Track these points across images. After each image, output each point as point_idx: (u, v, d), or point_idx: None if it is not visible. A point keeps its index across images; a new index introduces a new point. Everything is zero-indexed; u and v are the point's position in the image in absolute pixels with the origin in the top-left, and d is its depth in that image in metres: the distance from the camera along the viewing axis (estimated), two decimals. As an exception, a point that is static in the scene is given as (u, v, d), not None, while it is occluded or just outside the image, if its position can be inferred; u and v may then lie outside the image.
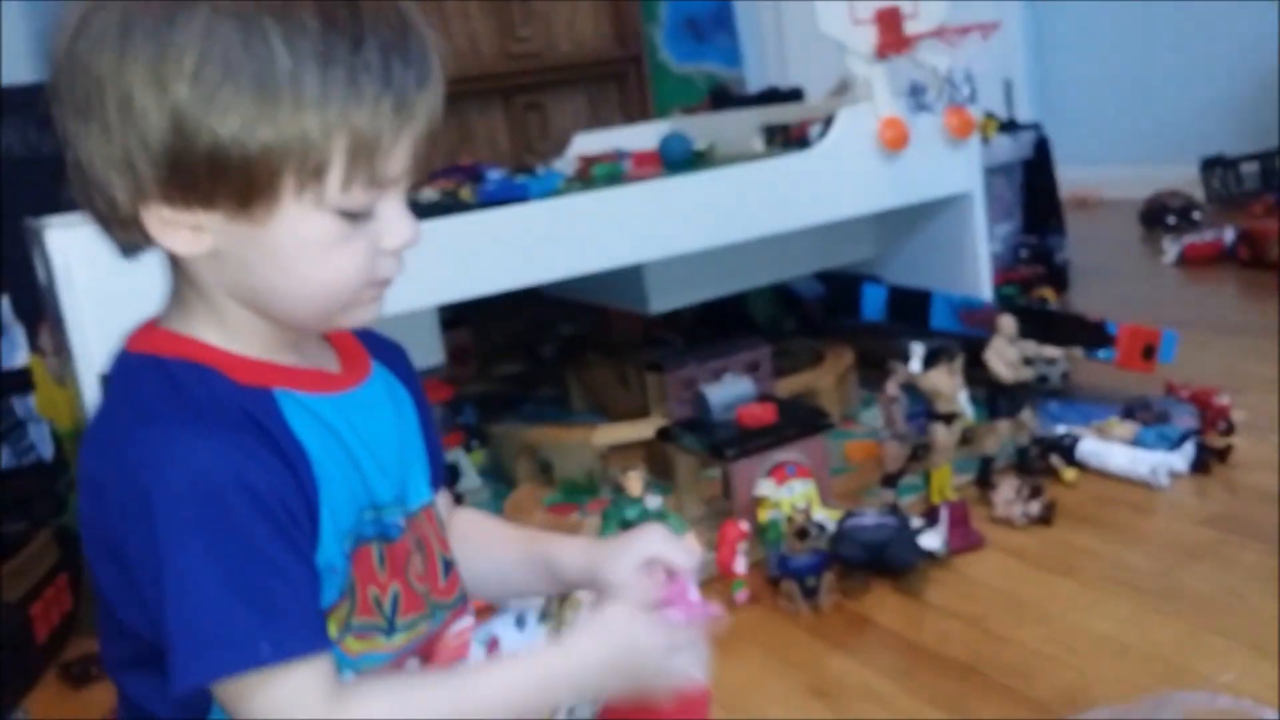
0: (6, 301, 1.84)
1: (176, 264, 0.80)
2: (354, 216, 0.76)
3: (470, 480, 2.05)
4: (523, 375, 2.66)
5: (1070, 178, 3.52)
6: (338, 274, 0.77)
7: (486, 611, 1.05)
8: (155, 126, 0.72)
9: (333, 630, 0.82)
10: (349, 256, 0.77)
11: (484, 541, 1.00)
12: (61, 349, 1.66)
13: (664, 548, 0.93)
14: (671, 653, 0.86)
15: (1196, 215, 3.57)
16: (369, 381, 0.88)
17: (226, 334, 0.80)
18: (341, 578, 0.81)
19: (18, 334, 1.83)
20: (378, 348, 0.95)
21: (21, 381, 1.78)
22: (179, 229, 0.75)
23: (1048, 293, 2.72)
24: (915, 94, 2.09)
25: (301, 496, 0.77)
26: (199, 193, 0.73)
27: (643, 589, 0.90)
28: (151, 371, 0.78)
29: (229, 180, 0.73)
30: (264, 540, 0.73)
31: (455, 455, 2.05)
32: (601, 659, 0.85)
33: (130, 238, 0.78)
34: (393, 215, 0.78)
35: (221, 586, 0.72)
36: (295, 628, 0.74)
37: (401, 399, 0.93)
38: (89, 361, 1.60)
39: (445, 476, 1.04)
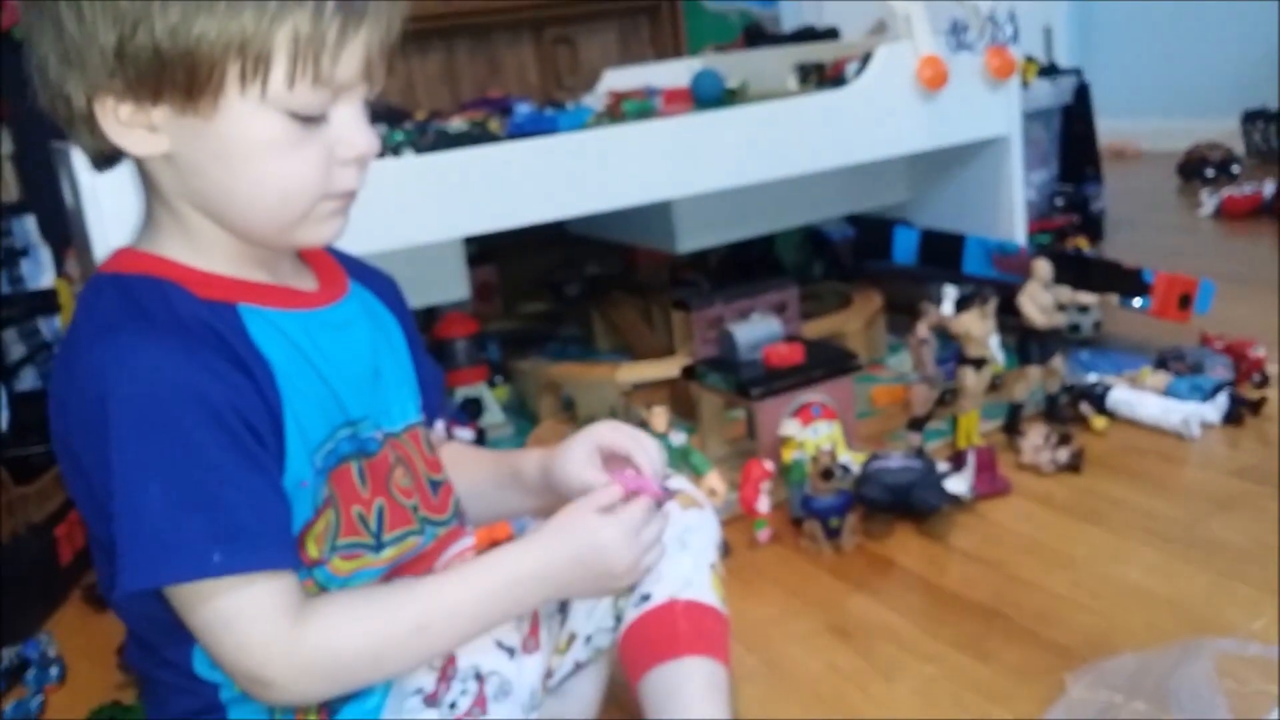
0: (33, 221, 1.84)
1: (147, 183, 0.81)
2: (305, 120, 0.76)
3: (493, 415, 2.04)
4: (548, 313, 2.65)
5: (1108, 129, 3.45)
6: (289, 179, 0.77)
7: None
8: (100, 19, 0.73)
9: (314, 550, 0.82)
10: (301, 162, 0.77)
11: (462, 468, 1.01)
12: (88, 273, 1.65)
13: (613, 436, 0.95)
14: (634, 546, 0.86)
15: (1235, 168, 3.51)
16: (343, 301, 0.89)
17: (194, 251, 0.81)
18: (313, 493, 0.81)
19: (44, 254, 1.83)
20: (365, 275, 0.96)
21: (48, 302, 1.78)
22: (134, 129, 0.76)
23: (1082, 242, 2.68)
24: (956, 32, 2.04)
25: (264, 409, 0.77)
26: (146, 86, 0.74)
27: (598, 482, 0.91)
28: (112, 288, 0.79)
29: (173, 72, 0.73)
30: (218, 452, 0.73)
31: (479, 390, 2.05)
32: (566, 558, 0.85)
33: (97, 143, 0.78)
34: (349, 123, 0.79)
35: (171, 494, 0.72)
36: (251, 540, 0.74)
37: (387, 324, 0.94)
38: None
39: (440, 407, 1.04)
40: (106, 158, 0.81)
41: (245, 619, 0.74)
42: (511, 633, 0.99)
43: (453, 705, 0.89)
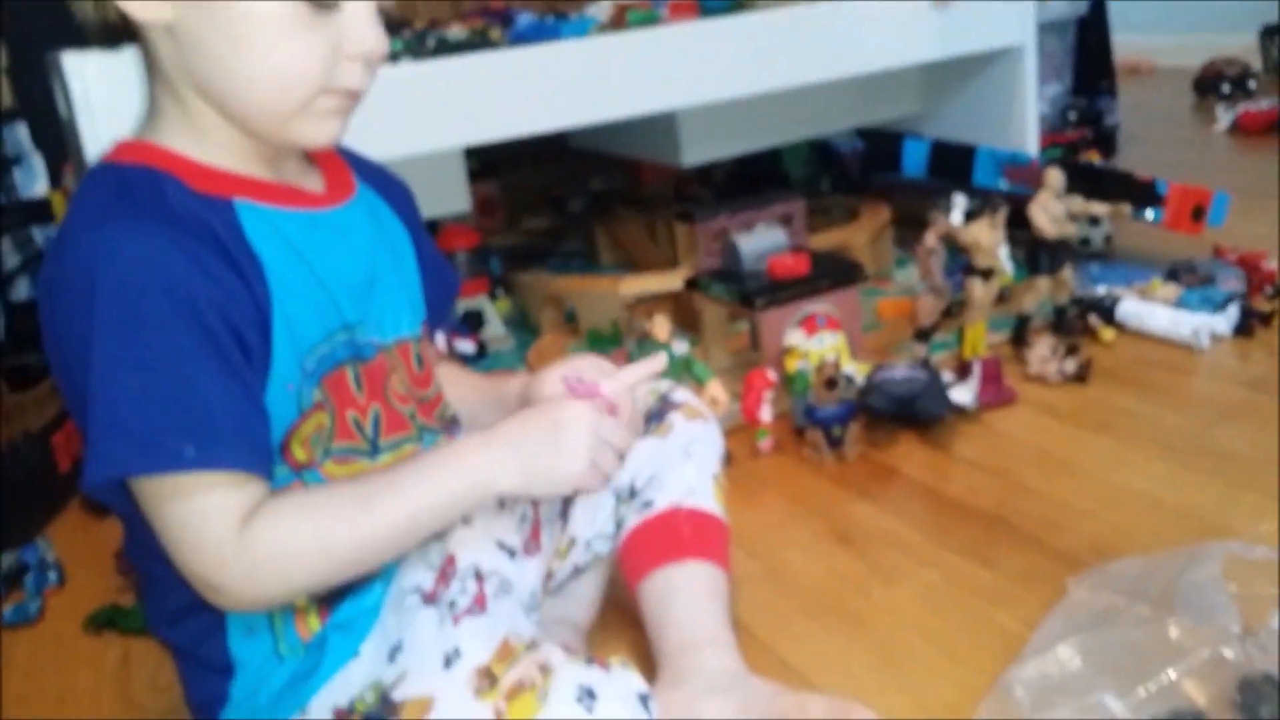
0: (25, 129, 1.81)
1: (150, 67, 0.80)
2: (315, 3, 0.75)
3: (495, 328, 2.02)
4: (551, 229, 2.62)
5: (1123, 44, 3.38)
6: (290, 62, 0.75)
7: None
8: None
9: (301, 453, 0.81)
10: (305, 47, 0.75)
11: (454, 387, 1.00)
12: (82, 181, 1.63)
13: (589, 368, 0.95)
14: (590, 431, 0.85)
15: (1252, 84, 3.44)
16: (348, 205, 0.87)
17: (196, 142, 0.79)
18: (298, 396, 0.79)
19: (36, 162, 1.80)
20: (378, 180, 0.94)
21: (42, 211, 1.76)
22: None
23: (1094, 156, 2.63)
24: (968, -65, 1.98)
25: (252, 309, 0.76)
26: None
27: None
28: (108, 178, 0.78)
29: None
30: (196, 351, 0.72)
31: (480, 303, 2.03)
32: (518, 424, 0.84)
33: (101, 9, 0.77)
34: (361, 18, 0.78)
35: (148, 386, 0.71)
36: (225, 439, 0.73)
37: (394, 232, 0.93)
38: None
39: (445, 316, 1.04)
40: (110, 31, 0.79)
41: (204, 520, 0.73)
42: (513, 534, 0.98)
43: (452, 604, 0.88)
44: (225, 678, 0.85)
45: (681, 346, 1.52)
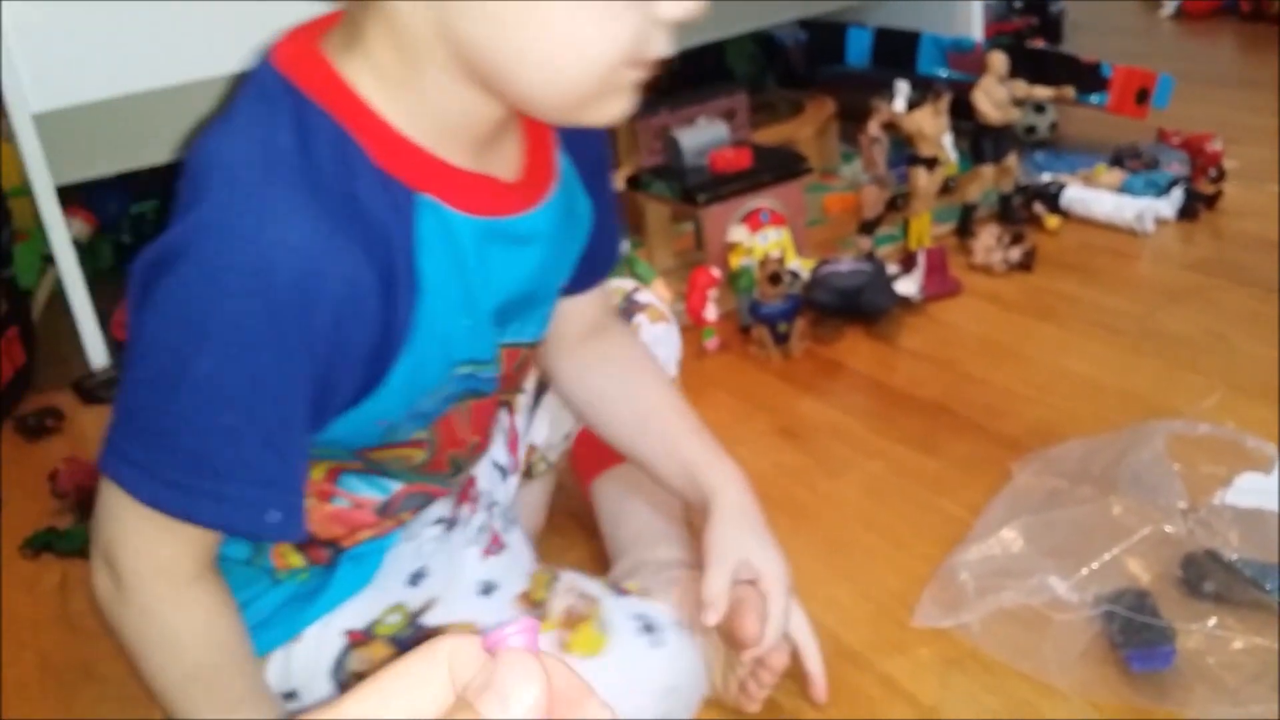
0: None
1: None
2: None
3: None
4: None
5: (1069, -73, 3.33)
6: (596, 41, 0.59)
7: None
8: None
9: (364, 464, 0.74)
10: (614, 17, 0.59)
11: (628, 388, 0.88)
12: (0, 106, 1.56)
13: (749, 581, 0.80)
14: None
15: (1199, -33, 3.40)
16: (542, 206, 0.70)
17: (396, 97, 0.61)
18: (389, 429, 0.70)
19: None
20: (575, 136, 0.75)
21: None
22: None
23: (1040, 44, 2.59)
24: None
25: (378, 345, 0.63)
26: None
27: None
28: (288, 112, 0.61)
29: None
30: (271, 408, 0.61)
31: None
32: None
33: None
34: None
35: (152, 400, 0.61)
36: (200, 490, 0.62)
37: (580, 216, 0.78)
38: (23, 106, 1.52)
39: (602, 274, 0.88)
40: None
41: (137, 547, 0.65)
42: (502, 451, 0.95)
43: (480, 529, 0.87)
44: None
45: (623, 246, 1.49)
